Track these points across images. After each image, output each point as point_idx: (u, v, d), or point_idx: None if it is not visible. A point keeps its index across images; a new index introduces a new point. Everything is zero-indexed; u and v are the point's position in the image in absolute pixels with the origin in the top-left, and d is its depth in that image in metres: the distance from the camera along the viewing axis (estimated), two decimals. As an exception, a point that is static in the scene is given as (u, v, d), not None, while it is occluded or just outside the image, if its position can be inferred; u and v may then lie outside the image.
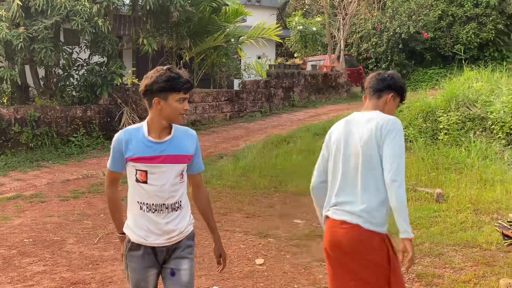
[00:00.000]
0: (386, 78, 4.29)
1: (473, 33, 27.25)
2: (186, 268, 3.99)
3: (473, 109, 14.53)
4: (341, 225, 4.03)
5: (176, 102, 3.81)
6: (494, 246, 7.56)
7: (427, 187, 10.89)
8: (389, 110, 4.23)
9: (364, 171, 3.98)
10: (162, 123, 3.86)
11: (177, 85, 3.78)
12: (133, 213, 3.92)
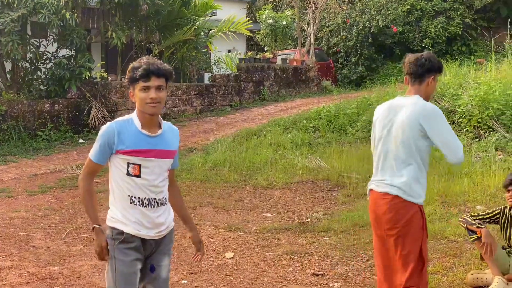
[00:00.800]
0: (424, 63, 4.59)
1: (441, 27, 27.49)
2: (166, 264, 4.02)
3: (441, 103, 14.64)
4: (383, 196, 4.55)
5: (139, 91, 3.77)
6: (462, 238, 7.64)
7: (396, 180, 10.95)
8: (432, 90, 4.69)
9: (403, 150, 4.49)
10: (145, 115, 3.83)
11: (134, 74, 3.76)
12: (122, 206, 3.85)
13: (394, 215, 4.49)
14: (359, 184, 10.89)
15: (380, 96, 16.43)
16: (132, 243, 3.84)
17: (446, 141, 4.37)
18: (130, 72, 3.79)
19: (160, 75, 3.77)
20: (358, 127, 14.91)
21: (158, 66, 3.78)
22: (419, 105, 4.47)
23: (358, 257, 7.21)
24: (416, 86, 4.64)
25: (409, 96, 4.64)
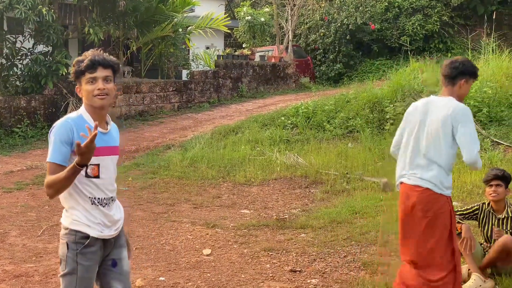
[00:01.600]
0: (458, 66, 5.03)
1: (418, 24, 27.61)
2: (125, 256, 3.97)
3: (419, 100, 14.72)
4: (414, 188, 5.03)
5: (86, 84, 3.67)
6: (438, 234, 7.68)
7: (374, 176, 11.02)
8: (464, 92, 5.09)
9: (434, 146, 4.93)
10: (96, 110, 3.73)
11: (79, 67, 3.66)
12: (84, 208, 3.71)
13: (425, 206, 4.98)
14: (337, 181, 10.93)
15: (358, 93, 16.46)
16: (94, 247, 3.74)
17: (466, 141, 4.79)
18: (75, 66, 3.68)
19: (106, 65, 3.69)
20: (336, 124, 14.95)
21: (104, 57, 3.70)
22: (452, 106, 4.89)
23: (336, 253, 7.23)
24: (449, 87, 5.08)
25: (443, 97, 5.07)
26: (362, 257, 7.03)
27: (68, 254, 3.68)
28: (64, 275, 3.73)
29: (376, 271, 6.53)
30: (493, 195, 6.22)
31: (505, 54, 16.25)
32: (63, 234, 3.73)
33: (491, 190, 6.23)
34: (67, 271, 3.70)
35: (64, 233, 3.73)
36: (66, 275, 3.71)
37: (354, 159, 12.22)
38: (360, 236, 7.79)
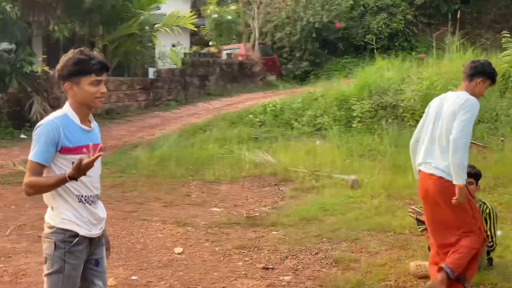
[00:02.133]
0: (477, 66, 5.43)
1: (383, 23, 27.86)
2: (104, 254, 3.98)
3: (385, 98, 14.89)
4: (429, 176, 5.48)
5: (89, 85, 3.63)
6: (408, 230, 7.79)
7: (342, 173, 11.10)
8: (479, 91, 5.44)
9: (446, 136, 5.30)
10: (84, 109, 3.72)
11: (87, 67, 3.61)
12: (72, 207, 3.69)
13: (440, 193, 5.40)
14: (306, 179, 10.98)
15: (325, 91, 16.59)
16: (81, 245, 3.71)
17: (458, 126, 5.17)
18: (77, 65, 3.61)
19: (107, 69, 3.72)
20: (304, 121, 15.04)
21: (105, 61, 3.73)
22: (463, 98, 5.28)
23: (307, 250, 7.26)
24: (466, 83, 5.43)
25: (458, 92, 5.47)
26: (334, 253, 7.07)
27: (56, 253, 3.64)
28: (50, 274, 3.68)
29: (348, 267, 6.58)
30: None
31: (469, 52, 16.48)
32: (49, 233, 3.68)
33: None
34: (54, 269, 3.66)
35: (50, 231, 3.68)
36: (53, 274, 3.67)
37: (322, 156, 12.29)
38: (330, 233, 7.83)
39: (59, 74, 3.67)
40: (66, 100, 3.74)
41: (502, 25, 29.62)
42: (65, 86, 3.65)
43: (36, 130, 3.60)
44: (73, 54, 3.64)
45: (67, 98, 3.71)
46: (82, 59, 3.62)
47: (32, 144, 3.59)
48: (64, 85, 3.66)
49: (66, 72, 3.63)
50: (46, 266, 3.70)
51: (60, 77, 3.67)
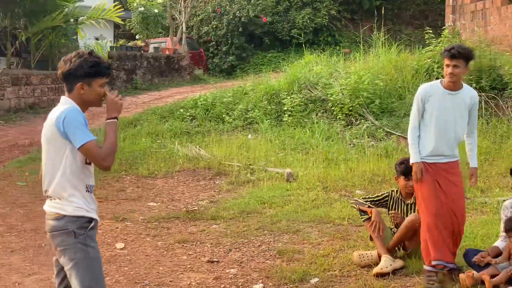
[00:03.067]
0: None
1: (308, 18, 28.17)
2: None
3: (315, 92, 15.12)
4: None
5: (99, 87, 3.94)
6: (346, 221, 7.99)
7: (277, 167, 11.25)
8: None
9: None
10: (85, 108, 3.96)
11: (101, 70, 3.91)
12: (82, 195, 3.88)
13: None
14: (241, 172, 11.07)
15: (255, 85, 16.67)
16: (96, 229, 3.98)
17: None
18: (94, 67, 3.88)
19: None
20: (235, 115, 15.11)
21: (109, 64, 4.03)
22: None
23: (250, 243, 7.36)
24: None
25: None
26: (277, 245, 7.20)
27: (76, 240, 3.81)
28: (77, 263, 3.81)
29: (292, 258, 6.71)
30: (409, 189, 6.46)
31: (394, 47, 16.92)
32: (62, 224, 3.82)
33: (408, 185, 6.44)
34: (80, 256, 3.81)
35: (62, 223, 3.82)
36: (81, 261, 3.81)
37: (255, 150, 12.40)
38: (271, 226, 7.96)
39: (71, 73, 3.88)
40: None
41: (421, 21, 30.59)
42: (78, 85, 3.88)
43: (64, 119, 3.77)
44: (87, 56, 3.88)
45: (73, 96, 3.92)
46: (97, 62, 3.92)
47: (75, 131, 3.75)
48: (76, 84, 3.88)
49: (82, 72, 3.88)
50: (67, 257, 3.82)
51: (71, 76, 3.88)
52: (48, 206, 3.94)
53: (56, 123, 3.80)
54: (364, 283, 5.85)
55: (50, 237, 3.91)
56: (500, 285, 5.49)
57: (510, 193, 8.74)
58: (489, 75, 13.91)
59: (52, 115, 3.90)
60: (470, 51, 5.87)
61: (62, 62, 3.95)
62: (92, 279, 3.85)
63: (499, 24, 18.39)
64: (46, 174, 3.95)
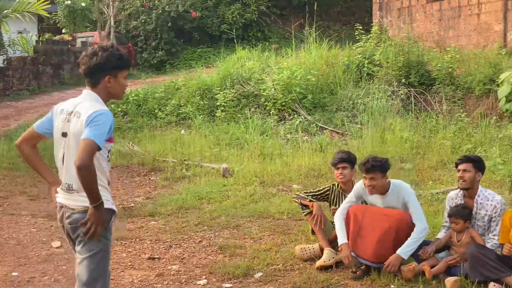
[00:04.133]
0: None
1: (238, 13, 28.14)
2: None
3: (247, 87, 15.14)
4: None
5: (124, 79, 4.01)
6: (286, 216, 8.02)
7: (212, 162, 11.20)
8: None
9: None
10: (107, 101, 4.01)
11: (126, 62, 3.99)
12: (106, 188, 3.95)
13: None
14: (176, 168, 10.97)
15: (187, 80, 16.57)
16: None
17: None
18: (120, 60, 3.92)
19: None
20: (168, 111, 14.98)
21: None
22: None
23: (190, 239, 7.30)
24: None
25: None
26: (217, 241, 7.16)
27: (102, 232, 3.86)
28: (95, 254, 3.89)
29: (234, 253, 6.69)
30: (340, 177, 6.60)
31: (325, 43, 17.10)
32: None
33: (338, 173, 6.60)
34: (99, 248, 3.90)
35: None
36: (98, 253, 3.90)
37: (190, 145, 12.33)
38: (211, 221, 7.92)
39: (99, 67, 3.87)
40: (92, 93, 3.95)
41: (349, 18, 31.10)
42: (106, 79, 3.91)
43: (98, 115, 3.76)
44: (113, 49, 3.91)
45: (99, 91, 3.94)
46: (122, 54, 3.96)
47: (95, 125, 3.72)
48: (104, 77, 3.91)
49: (109, 66, 3.89)
50: (87, 248, 3.89)
51: (98, 70, 3.89)
52: (71, 200, 3.94)
53: (88, 121, 3.76)
54: (307, 276, 5.87)
55: (71, 229, 3.96)
56: (440, 274, 5.63)
57: (443, 185, 8.98)
58: (417, 71, 14.26)
59: (82, 110, 3.85)
60: (385, 162, 6.02)
61: (86, 57, 3.92)
62: (102, 271, 3.96)
63: (425, 21, 18.91)
64: (69, 169, 3.90)
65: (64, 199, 3.99)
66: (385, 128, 12.05)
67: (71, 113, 3.90)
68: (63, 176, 3.97)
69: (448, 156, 10.48)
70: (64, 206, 3.98)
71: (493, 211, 5.79)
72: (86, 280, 3.92)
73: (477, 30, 16.89)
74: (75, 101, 4.01)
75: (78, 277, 3.98)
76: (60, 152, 3.97)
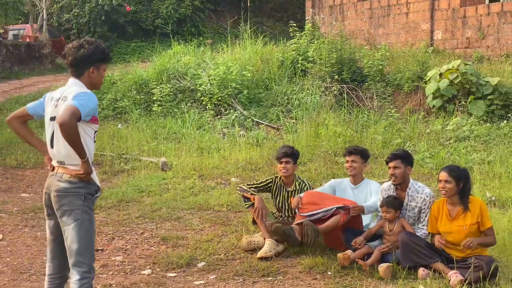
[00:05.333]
0: None
1: (172, 8, 28.15)
2: None
3: (183, 82, 15.29)
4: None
5: (104, 71, 4.47)
6: (225, 208, 8.28)
7: (150, 156, 11.34)
8: None
9: None
10: (90, 89, 4.37)
11: (107, 55, 4.46)
12: (93, 166, 4.37)
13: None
14: (114, 162, 11.06)
15: (123, 74, 16.59)
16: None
17: None
18: (103, 53, 4.39)
19: None
20: (104, 105, 14.97)
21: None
22: None
23: (133, 231, 7.46)
24: None
25: None
26: (160, 232, 7.34)
27: (84, 203, 4.32)
28: (82, 222, 4.29)
29: (177, 244, 6.89)
30: (283, 171, 6.88)
31: (260, 39, 17.40)
32: (76, 187, 4.28)
33: (281, 167, 6.88)
34: (85, 217, 4.31)
35: (75, 186, 4.28)
36: (84, 221, 4.31)
37: (127, 139, 12.42)
38: (152, 213, 8.09)
39: (85, 58, 4.31)
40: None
41: (282, 14, 31.53)
42: (90, 70, 4.34)
43: (83, 93, 4.21)
44: (98, 44, 4.35)
45: (83, 80, 4.35)
46: (105, 48, 4.44)
47: (78, 98, 4.13)
48: (89, 69, 4.34)
49: (94, 58, 4.34)
50: (72, 217, 4.28)
51: (84, 61, 4.32)
52: (61, 169, 4.31)
53: (73, 99, 4.14)
54: (249, 265, 6.14)
55: (56, 197, 4.30)
56: (375, 263, 5.98)
57: (374, 178, 9.38)
58: (349, 67, 14.71)
59: (68, 94, 4.25)
60: (365, 150, 7.03)
61: (73, 49, 4.33)
62: (90, 241, 4.37)
63: (356, 19, 19.43)
64: (59, 149, 4.28)
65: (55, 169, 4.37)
66: (319, 123, 12.40)
67: (59, 99, 4.28)
68: (55, 156, 4.36)
69: (379, 150, 10.91)
70: (54, 174, 4.35)
71: (423, 203, 6.20)
72: (76, 249, 4.28)
73: (406, 29, 17.48)
74: (63, 89, 4.37)
75: (69, 249, 4.31)
76: (49, 134, 4.33)
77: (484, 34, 15.28)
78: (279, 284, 5.75)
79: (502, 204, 8.01)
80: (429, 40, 16.70)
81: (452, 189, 5.74)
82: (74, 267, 4.31)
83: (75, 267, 4.31)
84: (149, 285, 5.74)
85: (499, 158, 9.68)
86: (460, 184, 5.74)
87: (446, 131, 11.33)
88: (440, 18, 16.51)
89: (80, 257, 4.29)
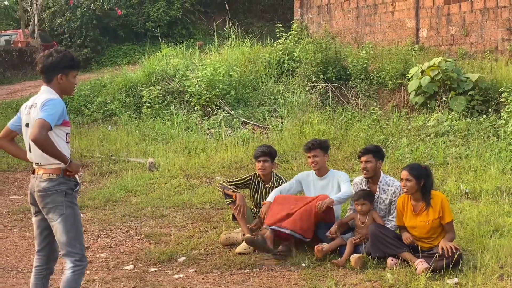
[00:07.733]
0: None
1: (162, 11, 28.31)
2: None
3: (172, 84, 15.54)
4: None
5: (74, 78, 4.77)
6: (208, 205, 8.55)
7: (139, 157, 11.58)
8: None
9: None
10: (60, 95, 4.67)
11: (77, 63, 4.74)
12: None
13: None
14: (103, 163, 11.30)
15: (112, 77, 16.81)
16: (78, 193, 4.89)
17: None
18: (72, 61, 4.68)
19: None
20: (94, 108, 15.21)
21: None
22: None
23: (118, 229, 7.71)
24: None
25: None
26: (144, 230, 7.61)
27: (66, 199, 4.62)
28: (67, 217, 4.61)
29: (159, 241, 7.15)
30: (261, 169, 7.16)
31: (247, 40, 17.65)
32: (55, 185, 4.59)
33: (259, 165, 7.16)
34: (69, 212, 4.63)
35: (54, 184, 4.58)
36: (69, 216, 4.62)
37: (116, 141, 12.65)
38: (137, 212, 8.35)
39: (53, 66, 4.62)
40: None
41: (271, 15, 31.73)
42: (58, 76, 4.64)
43: (49, 101, 4.48)
44: (66, 52, 4.65)
45: (53, 86, 4.65)
46: (74, 57, 4.75)
47: (45, 108, 4.42)
48: (57, 75, 4.64)
49: (62, 65, 4.65)
50: (57, 213, 4.60)
51: (53, 69, 4.63)
52: (41, 171, 4.63)
53: (41, 107, 4.45)
54: (227, 258, 6.42)
55: (39, 197, 4.61)
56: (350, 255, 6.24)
57: (355, 174, 9.63)
58: (334, 66, 14.96)
59: (38, 101, 4.58)
60: (324, 141, 7.22)
61: (43, 57, 4.66)
62: (77, 232, 4.70)
63: (343, 18, 19.66)
64: (36, 152, 4.56)
65: (35, 171, 4.71)
66: (304, 122, 12.64)
67: (31, 106, 4.59)
68: (33, 159, 4.68)
69: (361, 147, 11.06)
70: (35, 176, 4.68)
71: (393, 195, 6.49)
72: (66, 241, 4.62)
73: (392, 27, 17.72)
74: (34, 97, 4.69)
75: (59, 242, 4.65)
76: (26, 140, 4.64)
77: (468, 31, 15.52)
78: (255, 276, 6.02)
79: (476, 197, 8.28)
80: (415, 37, 16.93)
81: (412, 187, 6.03)
82: (67, 257, 4.67)
83: (67, 257, 4.66)
84: (131, 279, 6.01)
85: (476, 152, 9.93)
86: (421, 182, 6.01)
87: (427, 127, 11.56)
88: (425, 16, 16.74)
89: (70, 247, 4.63)
